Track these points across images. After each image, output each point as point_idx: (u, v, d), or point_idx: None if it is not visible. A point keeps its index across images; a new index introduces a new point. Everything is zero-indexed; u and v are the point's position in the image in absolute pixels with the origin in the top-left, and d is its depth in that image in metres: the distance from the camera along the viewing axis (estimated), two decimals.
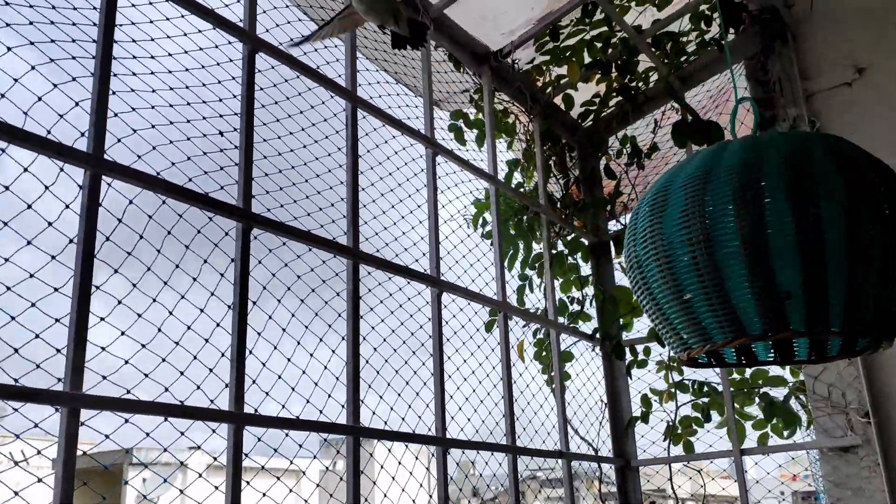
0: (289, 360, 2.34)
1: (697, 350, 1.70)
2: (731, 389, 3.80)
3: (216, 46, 2.39)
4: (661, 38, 3.95)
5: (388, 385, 2.71)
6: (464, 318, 3.34)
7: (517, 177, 4.18)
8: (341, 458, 2.47)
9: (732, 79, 2.26)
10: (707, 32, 4.00)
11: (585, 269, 4.17)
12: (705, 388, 3.90)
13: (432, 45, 3.46)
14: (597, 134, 4.36)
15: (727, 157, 1.63)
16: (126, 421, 1.84)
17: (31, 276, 1.75)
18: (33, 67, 1.88)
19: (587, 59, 3.99)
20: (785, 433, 3.73)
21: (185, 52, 2.29)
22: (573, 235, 4.14)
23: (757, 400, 3.79)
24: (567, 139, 4.35)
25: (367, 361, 2.60)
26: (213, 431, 2.07)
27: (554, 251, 4.03)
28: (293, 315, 2.40)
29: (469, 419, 3.07)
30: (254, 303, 2.24)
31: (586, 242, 4.17)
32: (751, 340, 1.58)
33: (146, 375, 1.91)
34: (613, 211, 4.29)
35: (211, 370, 2.07)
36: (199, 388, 2.02)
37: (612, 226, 4.30)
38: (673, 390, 4.00)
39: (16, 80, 1.84)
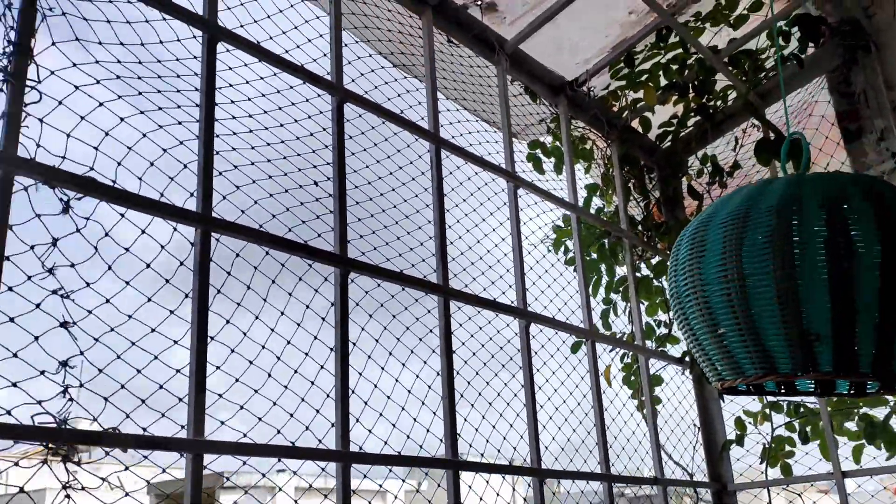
0: (388, 397, 2.42)
1: (730, 382, 1.73)
2: (829, 409, 3.72)
3: (307, 100, 2.51)
4: (739, 57, 3.93)
5: (483, 418, 2.76)
6: (547, 344, 3.38)
7: (596, 201, 4.20)
8: (427, 479, 2.54)
9: (785, 112, 2.26)
10: (785, 48, 3.96)
11: None
12: (801, 409, 3.82)
13: (508, 80, 3.53)
14: (676, 154, 4.34)
15: (767, 197, 1.67)
16: (244, 463, 1.95)
17: (153, 330, 1.88)
18: (144, 135, 2.02)
19: (663, 82, 3.99)
20: (886, 454, 3.62)
21: (279, 108, 2.42)
22: (658, 258, 4.12)
23: (856, 420, 3.69)
24: (646, 161, 4.35)
25: (461, 395, 2.67)
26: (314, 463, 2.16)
27: (638, 274, 4.03)
28: (390, 353, 2.49)
29: (563, 448, 3.10)
30: (353, 344, 2.33)
31: None
32: (780, 378, 1.61)
33: (260, 419, 2.01)
34: None
35: (318, 411, 2.17)
36: (307, 428, 2.12)
37: None
38: (767, 411, 3.93)
39: (129, 149, 1.99)
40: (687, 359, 4.00)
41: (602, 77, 3.94)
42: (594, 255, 4.06)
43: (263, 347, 2.09)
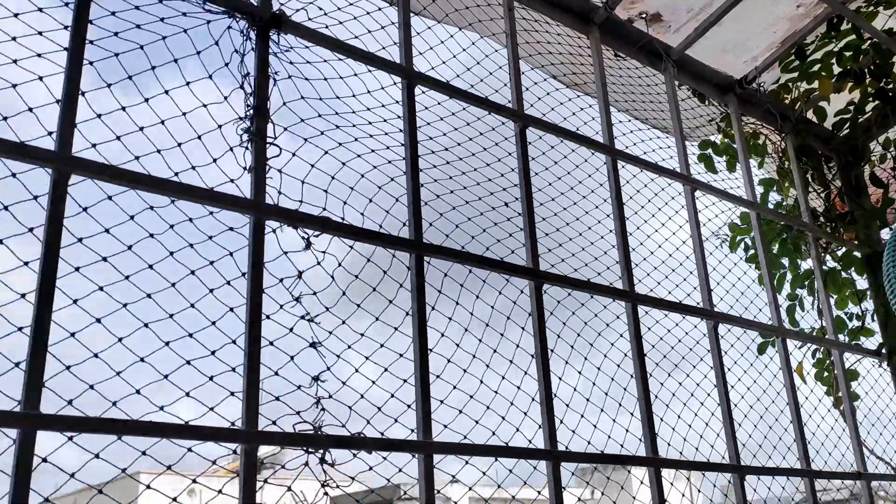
0: (587, 399, 2.58)
1: None
2: None
3: (493, 129, 2.74)
4: None
5: (679, 417, 2.86)
6: (736, 343, 3.40)
7: (773, 196, 4.16)
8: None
9: None
10: None
11: (861, 282, 4.03)
12: None
13: (676, 85, 3.60)
14: (855, 141, 4.22)
15: None
16: (466, 463, 2.18)
17: (381, 345, 2.14)
18: (363, 176, 2.31)
19: (836, 70, 3.91)
20: None
21: (470, 139, 2.65)
22: (844, 249, 4.03)
23: None
24: (824, 151, 4.26)
25: (656, 396, 2.78)
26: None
27: (824, 267, 3.96)
28: (585, 358, 2.65)
29: (760, 446, 3.13)
30: (551, 350, 2.51)
31: (859, 255, 4.04)
32: None
33: (476, 422, 2.24)
34: (884, 219, 4.12)
35: (525, 413, 2.36)
36: (518, 430, 2.32)
37: (886, 234, 4.12)
38: None
39: (352, 189, 2.27)
40: (884, 350, 3.88)
41: (772, 73, 3.92)
42: (775, 251, 4.03)
43: (474, 357, 2.31)
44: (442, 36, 2.74)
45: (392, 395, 2.13)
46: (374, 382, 2.11)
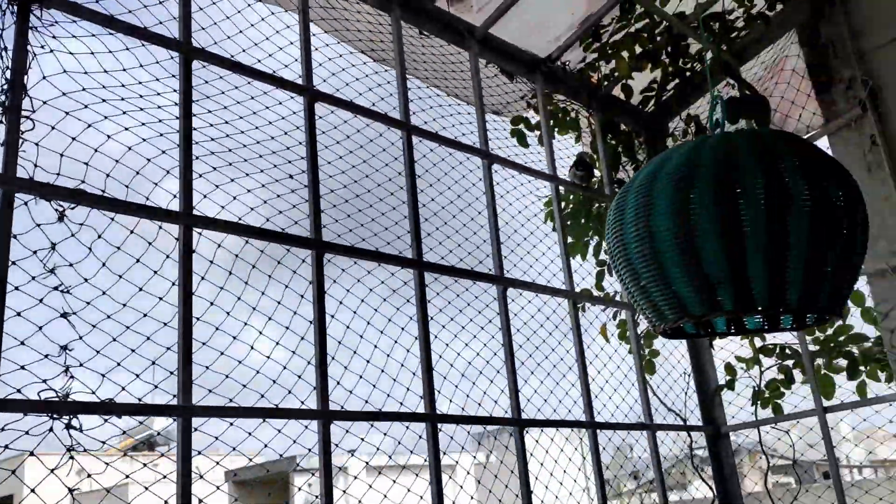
0: (463, 374, 2.73)
1: (657, 328, 1.99)
2: (817, 348, 3.92)
3: (280, 103, 2.82)
4: (708, 20, 4.09)
5: (463, 375, 3.06)
6: (543, 308, 3.66)
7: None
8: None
9: (710, 87, 2.45)
10: (753, 6, 4.11)
11: None
12: (787, 351, 4.02)
13: (482, 63, 3.78)
14: (659, 118, 4.53)
15: (671, 163, 1.90)
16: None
17: (144, 315, 2.22)
18: (130, 149, 2.36)
19: (639, 50, 4.18)
20: (883, 379, 3.79)
21: (254, 112, 2.73)
22: None
23: (840, 359, 3.88)
24: (632, 126, 4.55)
25: (440, 356, 2.97)
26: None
27: None
28: (368, 323, 2.80)
29: (546, 400, 3.38)
30: (332, 316, 2.65)
31: None
32: (693, 319, 1.85)
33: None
34: None
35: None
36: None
37: None
38: (759, 356, 4.14)
39: (117, 161, 2.32)
40: None
41: (578, 51, 4.15)
42: (583, 222, 4.30)
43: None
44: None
45: (153, 363, 2.21)
46: (133, 350, 2.18)
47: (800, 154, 1.88)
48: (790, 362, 4.02)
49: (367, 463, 2.99)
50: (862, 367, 3.79)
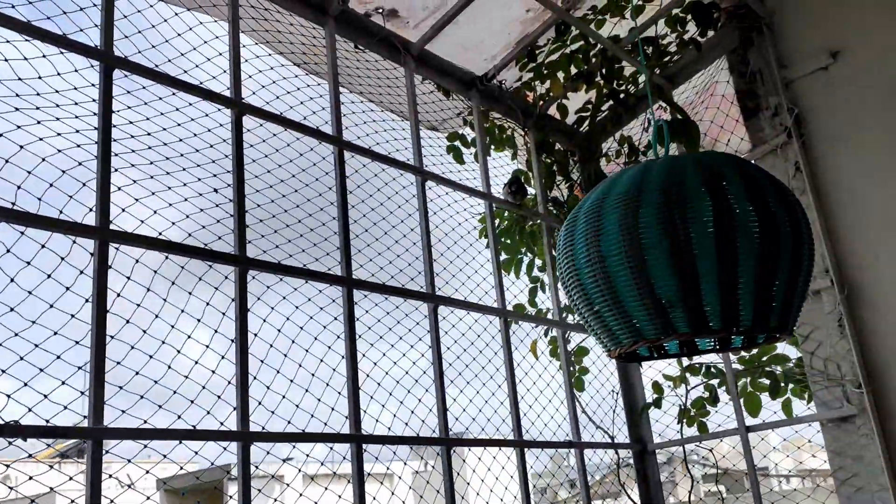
0: (291, 381, 2.68)
1: (613, 353, 1.98)
2: (742, 368, 4.00)
3: (206, 115, 2.76)
4: (641, 44, 4.16)
5: (391, 394, 3.03)
6: (474, 326, 3.65)
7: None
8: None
9: (650, 105, 2.48)
10: (686, 33, 4.20)
11: None
12: (713, 370, 4.09)
13: (419, 79, 3.77)
14: (593, 138, 4.59)
15: (619, 186, 1.90)
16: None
17: (55, 333, 2.14)
18: (44, 160, 2.27)
19: (574, 71, 4.23)
20: (805, 399, 3.89)
21: (178, 124, 2.67)
22: None
23: (763, 378, 3.97)
24: (566, 146, 4.59)
25: (367, 375, 2.93)
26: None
27: (553, 253, 4.28)
28: (293, 342, 2.75)
29: (473, 419, 3.37)
30: (255, 335, 2.60)
31: None
32: (647, 343, 1.86)
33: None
34: None
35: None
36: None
37: None
38: (685, 374, 4.20)
39: (29, 173, 2.24)
40: None
41: (515, 71, 4.18)
42: (517, 239, 4.32)
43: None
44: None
45: (64, 383, 2.13)
46: (41, 370, 2.10)
47: (744, 175, 1.89)
48: (715, 381, 4.10)
49: (299, 470, 2.95)
50: (784, 387, 3.88)
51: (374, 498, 2.90)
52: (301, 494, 2.78)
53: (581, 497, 3.65)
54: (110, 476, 2.34)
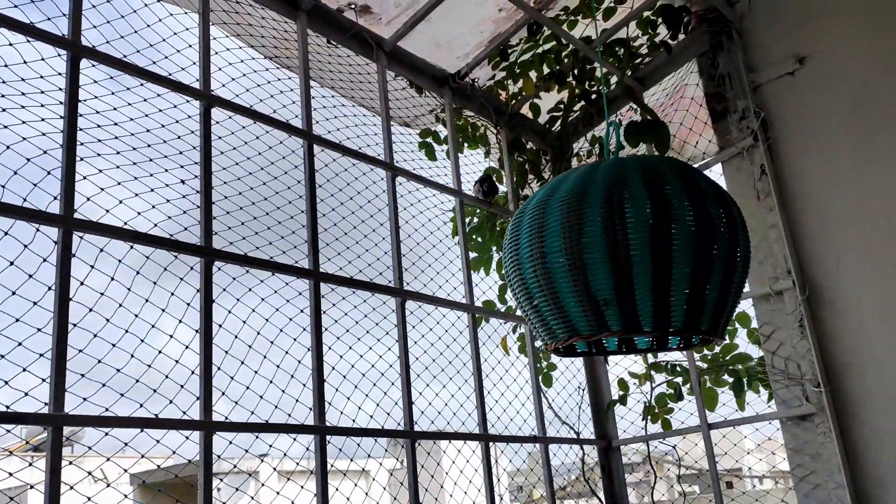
0: (256, 373, 2.70)
1: (549, 346, 2.03)
2: (705, 366, 4.07)
3: (174, 106, 2.77)
4: (613, 45, 4.21)
5: (356, 387, 3.06)
6: (442, 321, 3.69)
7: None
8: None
9: (605, 103, 2.53)
10: (657, 35, 4.25)
11: None
12: (678, 368, 4.16)
13: (391, 76, 3.80)
14: (565, 137, 4.64)
15: (565, 185, 1.94)
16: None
17: (17, 319, 2.14)
18: (8, 147, 2.28)
19: (546, 71, 4.27)
20: (766, 395, 3.96)
21: (146, 115, 2.68)
22: None
23: (726, 376, 4.04)
24: (538, 145, 4.63)
25: (332, 368, 2.96)
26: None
27: None
28: (258, 333, 2.77)
29: (439, 412, 3.40)
30: (219, 326, 2.61)
31: None
32: (581, 339, 1.90)
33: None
34: None
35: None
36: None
37: None
38: (650, 372, 4.27)
39: None
40: None
41: (487, 69, 4.21)
42: (488, 236, 4.36)
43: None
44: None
45: (24, 369, 2.14)
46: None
47: (684, 178, 1.94)
48: (679, 379, 4.17)
49: (274, 469, 2.97)
50: (746, 385, 3.95)
51: (349, 499, 2.93)
52: (278, 493, 2.81)
53: (545, 490, 3.69)
54: (89, 474, 2.36)
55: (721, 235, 1.91)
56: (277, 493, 2.90)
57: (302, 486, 2.87)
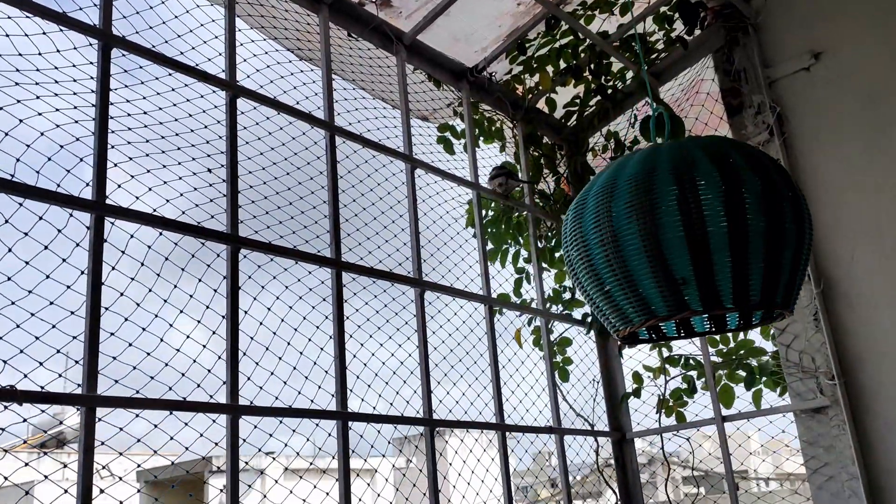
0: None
1: (622, 332, 2.03)
2: (719, 360, 4.09)
3: (201, 96, 2.81)
4: (629, 40, 4.24)
5: (376, 375, 3.09)
6: (460, 312, 3.72)
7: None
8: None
9: (650, 93, 2.55)
10: (673, 31, 4.28)
11: None
12: (692, 362, 4.18)
13: (410, 69, 3.83)
14: (581, 132, 4.67)
15: (629, 167, 1.95)
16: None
17: (51, 302, 2.18)
18: (42, 134, 2.32)
19: (562, 65, 4.30)
20: (777, 391, 3.98)
21: (174, 104, 2.72)
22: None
23: (741, 371, 4.06)
24: (554, 139, 4.67)
25: (354, 355, 3.00)
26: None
27: (546, 244, 4.37)
28: (282, 320, 2.81)
29: (457, 401, 3.44)
30: (245, 312, 2.65)
31: None
32: (660, 321, 1.91)
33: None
34: None
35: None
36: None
37: None
38: (665, 365, 4.29)
39: (28, 146, 2.28)
40: (589, 319, 4.35)
41: (505, 63, 4.25)
42: (503, 229, 4.39)
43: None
44: None
45: (58, 351, 2.18)
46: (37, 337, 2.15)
47: (745, 153, 1.95)
48: (694, 373, 4.19)
49: (286, 468, 3.00)
50: (759, 379, 3.97)
51: (360, 499, 2.95)
52: (291, 492, 2.83)
53: (560, 481, 3.72)
54: (103, 467, 2.40)
55: (788, 207, 1.90)
56: (290, 491, 2.91)
57: (315, 486, 2.89)
